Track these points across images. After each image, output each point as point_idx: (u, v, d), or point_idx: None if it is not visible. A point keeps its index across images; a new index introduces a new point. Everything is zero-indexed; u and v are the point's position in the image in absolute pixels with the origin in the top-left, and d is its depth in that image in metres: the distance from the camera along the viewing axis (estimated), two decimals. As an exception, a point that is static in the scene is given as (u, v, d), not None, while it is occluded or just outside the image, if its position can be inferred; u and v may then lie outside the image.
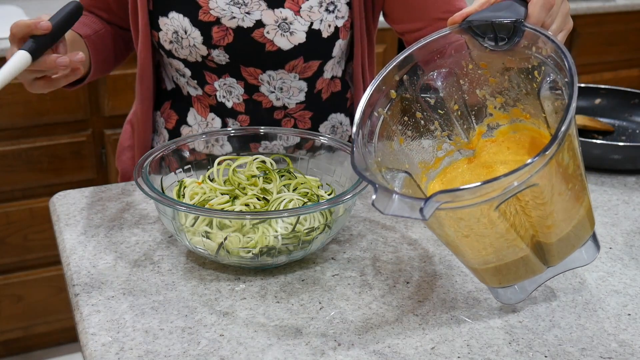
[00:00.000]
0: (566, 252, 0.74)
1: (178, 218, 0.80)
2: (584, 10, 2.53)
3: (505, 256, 0.71)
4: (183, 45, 1.03)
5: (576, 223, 0.71)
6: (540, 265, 0.73)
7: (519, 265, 0.72)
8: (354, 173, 0.86)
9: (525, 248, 0.70)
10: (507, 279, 0.73)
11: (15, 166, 1.90)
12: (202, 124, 1.11)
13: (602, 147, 1.08)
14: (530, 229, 0.69)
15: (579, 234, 0.73)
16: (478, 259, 0.72)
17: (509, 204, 0.65)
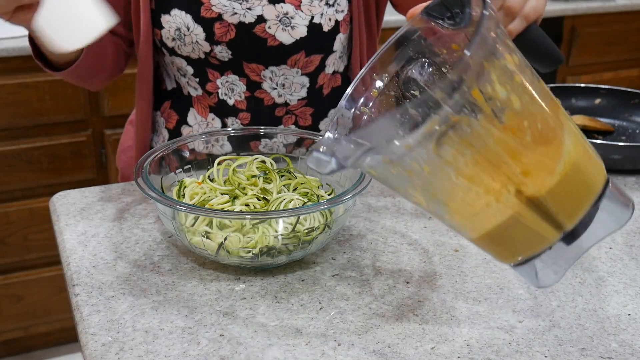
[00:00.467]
0: (574, 209, 0.67)
1: (178, 218, 0.80)
2: (584, 10, 2.54)
3: (490, 216, 0.65)
4: (186, 42, 1.03)
5: (564, 171, 0.65)
6: (550, 229, 0.67)
7: (518, 229, 0.66)
8: (354, 173, 0.86)
9: (509, 202, 0.65)
10: (517, 249, 0.68)
11: (15, 166, 1.90)
12: (202, 124, 1.11)
13: (602, 147, 1.09)
14: (505, 178, 0.64)
15: (579, 185, 0.67)
16: (463, 223, 0.67)
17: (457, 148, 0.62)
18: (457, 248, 0.88)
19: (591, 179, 0.68)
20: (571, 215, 0.67)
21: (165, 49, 1.07)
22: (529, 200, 0.65)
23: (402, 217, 0.95)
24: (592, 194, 0.67)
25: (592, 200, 0.67)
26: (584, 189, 0.67)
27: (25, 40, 1.81)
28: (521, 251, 0.68)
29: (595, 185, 0.68)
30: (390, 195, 1.02)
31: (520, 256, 0.69)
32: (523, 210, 0.66)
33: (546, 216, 0.67)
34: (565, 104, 1.31)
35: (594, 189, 0.67)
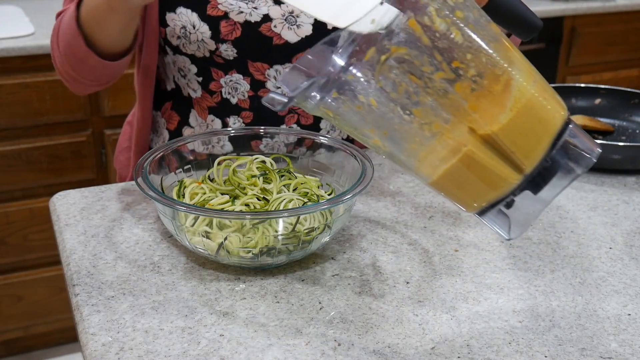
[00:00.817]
0: (531, 148, 0.65)
1: (178, 218, 0.80)
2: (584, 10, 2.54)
3: (443, 155, 0.65)
4: (191, 40, 1.03)
5: (515, 107, 0.64)
6: (508, 170, 0.66)
7: (474, 169, 0.65)
8: (354, 173, 0.86)
9: (461, 139, 0.64)
10: (477, 193, 0.67)
11: (15, 166, 1.90)
12: (203, 126, 1.11)
13: (602, 147, 1.08)
14: (453, 114, 0.64)
15: (533, 122, 0.65)
16: (419, 165, 0.67)
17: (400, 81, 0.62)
18: (457, 248, 0.88)
19: (547, 117, 0.66)
20: (528, 155, 0.65)
21: (169, 47, 1.07)
22: (481, 137, 0.64)
23: (402, 217, 0.95)
24: (548, 132, 0.66)
25: (549, 139, 0.66)
26: (539, 126, 0.66)
27: (25, 40, 1.82)
28: (481, 195, 0.67)
29: (551, 124, 0.66)
30: (390, 195, 1.02)
31: (481, 201, 0.67)
32: (476, 148, 0.64)
33: (501, 155, 0.65)
34: (565, 104, 1.30)
35: (550, 127, 0.66)
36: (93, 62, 0.97)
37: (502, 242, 0.89)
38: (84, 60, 0.98)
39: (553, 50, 2.57)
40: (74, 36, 0.96)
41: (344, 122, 0.68)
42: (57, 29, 1.01)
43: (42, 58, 1.84)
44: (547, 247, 0.89)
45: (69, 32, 0.97)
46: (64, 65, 1.01)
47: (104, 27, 0.94)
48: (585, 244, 0.90)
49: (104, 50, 0.98)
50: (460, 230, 0.92)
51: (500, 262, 0.85)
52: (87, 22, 0.94)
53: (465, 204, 0.69)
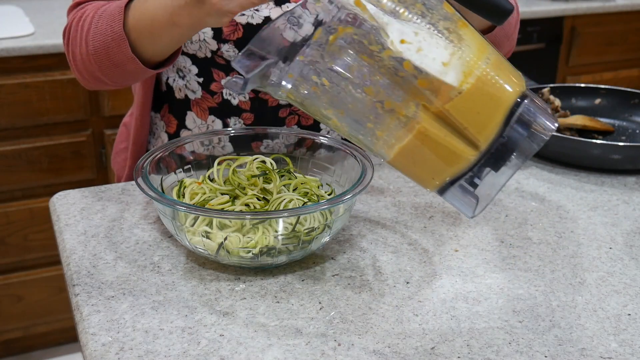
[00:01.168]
0: (483, 123, 0.66)
1: (178, 218, 0.80)
2: (584, 10, 2.54)
3: (398, 132, 0.66)
4: (193, 40, 1.02)
5: (465, 82, 0.65)
6: (462, 146, 0.66)
7: (429, 145, 0.66)
8: (354, 173, 0.86)
9: (413, 116, 0.65)
10: (434, 169, 0.68)
11: (15, 166, 1.90)
12: (202, 127, 1.10)
13: (602, 147, 1.09)
14: (403, 90, 0.65)
15: (484, 97, 0.65)
16: (377, 142, 0.68)
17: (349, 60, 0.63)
18: (457, 248, 0.88)
19: (498, 94, 0.66)
20: (481, 131, 0.66)
21: None
22: (433, 113, 0.65)
23: (402, 217, 0.95)
24: (501, 109, 0.66)
25: (501, 115, 0.66)
26: (491, 102, 0.66)
27: (25, 40, 1.82)
28: (438, 171, 0.68)
29: (504, 100, 0.66)
30: (390, 195, 1.02)
31: (440, 178, 0.68)
32: (429, 125, 0.65)
33: (454, 131, 0.66)
34: (565, 104, 1.31)
35: (502, 104, 0.66)
36: (133, 68, 0.92)
37: (502, 242, 0.90)
38: (122, 65, 0.92)
39: (553, 50, 2.57)
40: (116, 41, 0.90)
41: (306, 105, 0.70)
42: (85, 27, 0.94)
43: (42, 58, 1.84)
44: (547, 247, 0.89)
45: (111, 35, 0.90)
46: (90, 65, 0.94)
47: (157, 39, 0.89)
48: (585, 244, 0.90)
49: (147, 58, 0.92)
50: (460, 230, 0.92)
51: (500, 262, 0.85)
52: (137, 30, 0.89)
53: (425, 181, 0.69)
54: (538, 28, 2.49)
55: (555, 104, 1.28)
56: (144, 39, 0.89)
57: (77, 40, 0.95)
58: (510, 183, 1.06)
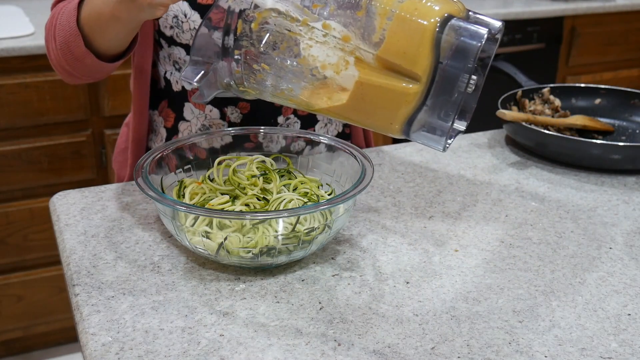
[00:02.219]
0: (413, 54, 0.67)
1: (178, 218, 0.80)
2: (584, 10, 2.54)
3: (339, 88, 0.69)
4: (184, 29, 1.03)
5: (384, 25, 0.68)
6: (406, 82, 0.68)
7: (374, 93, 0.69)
8: (354, 173, 0.86)
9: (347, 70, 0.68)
10: (388, 113, 0.70)
11: (15, 166, 1.90)
12: (200, 117, 1.11)
13: (602, 147, 1.09)
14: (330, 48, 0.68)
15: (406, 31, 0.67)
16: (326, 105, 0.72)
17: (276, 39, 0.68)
18: (457, 248, 0.88)
19: (419, 24, 0.67)
20: (414, 63, 0.67)
21: (163, 39, 1.07)
22: (364, 62, 0.68)
23: (402, 217, 0.95)
24: (425, 36, 0.67)
25: (428, 42, 0.67)
26: (415, 34, 0.67)
27: (25, 40, 1.82)
28: (392, 113, 0.70)
29: (426, 29, 0.67)
30: (390, 195, 1.02)
31: (397, 119, 0.70)
32: (365, 74, 0.68)
33: (391, 72, 0.68)
34: (565, 104, 1.31)
35: (425, 32, 0.67)
36: (90, 62, 0.98)
37: (502, 242, 0.90)
38: (81, 59, 0.98)
39: (553, 50, 2.57)
40: (72, 35, 0.96)
41: (262, 93, 0.74)
42: (54, 22, 1.02)
43: (42, 58, 1.84)
44: (547, 247, 0.89)
45: (68, 30, 0.97)
46: (59, 59, 1.01)
47: (105, 33, 0.94)
48: (585, 244, 0.90)
49: (102, 52, 0.98)
50: (460, 230, 0.92)
51: (500, 262, 0.85)
52: (88, 25, 0.95)
53: (386, 129, 0.72)
54: (538, 28, 2.49)
55: (555, 104, 1.28)
56: (95, 34, 0.95)
57: (49, 37, 1.02)
58: (510, 183, 1.07)
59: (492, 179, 1.08)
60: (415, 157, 1.15)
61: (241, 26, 0.71)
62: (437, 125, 0.70)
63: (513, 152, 1.19)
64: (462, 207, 0.99)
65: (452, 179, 1.08)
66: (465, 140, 1.23)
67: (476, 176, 1.09)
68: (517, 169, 1.12)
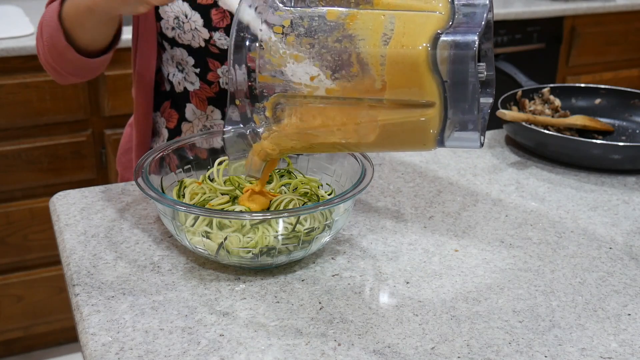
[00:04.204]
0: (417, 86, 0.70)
1: (178, 218, 0.80)
2: (584, 10, 2.54)
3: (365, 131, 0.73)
4: (185, 29, 1.04)
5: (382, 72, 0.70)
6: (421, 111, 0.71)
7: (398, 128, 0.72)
8: (354, 173, 0.86)
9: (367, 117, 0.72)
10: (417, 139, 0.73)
11: (15, 166, 1.90)
12: (202, 118, 1.11)
13: (602, 147, 1.09)
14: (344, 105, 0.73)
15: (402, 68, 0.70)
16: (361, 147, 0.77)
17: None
18: (457, 248, 0.88)
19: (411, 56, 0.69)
20: (422, 93, 0.70)
21: (166, 41, 1.07)
22: (379, 106, 0.71)
23: (402, 217, 0.95)
24: (420, 66, 0.69)
25: (425, 69, 0.69)
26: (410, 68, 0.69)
27: (25, 40, 1.82)
28: (421, 138, 0.73)
29: (418, 57, 0.69)
30: (390, 195, 1.02)
31: (428, 141, 0.73)
32: (383, 116, 0.72)
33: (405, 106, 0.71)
34: (565, 104, 1.31)
35: (418, 61, 0.69)
36: (72, 56, 0.99)
37: (502, 242, 0.90)
38: (64, 54, 1.00)
39: (553, 50, 2.57)
40: (55, 30, 0.98)
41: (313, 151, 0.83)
42: (42, 19, 1.03)
43: (42, 58, 1.84)
44: (547, 247, 0.89)
45: (52, 25, 0.99)
46: (46, 56, 1.03)
47: (83, 25, 0.96)
48: (585, 244, 0.90)
49: (83, 47, 1.00)
50: (460, 230, 0.92)
51: (500, 262, 0.85)
52: (68, 18, 0.97)
53: (421, 149, 0.75)
54: (538, 28, 2.49)
55: (555, 104, 1.28)
56: (74, 27, 0.97)
57: (38, 34, 1.03)
58: (510, 183, 1.07)
59: (492, 179, 1.08)
60: (415, 157, 1.15)
61: (257, 119, 0.76)
62: (465, 123, 0.72)
63: (513, 152, 1.19)
64: (462, 207, 0.99)
65: (452, 179, 1.08)
66: (465, 140, 1.23)
67: (476, 176, 1.09)
68: (517, 169, 1.12)
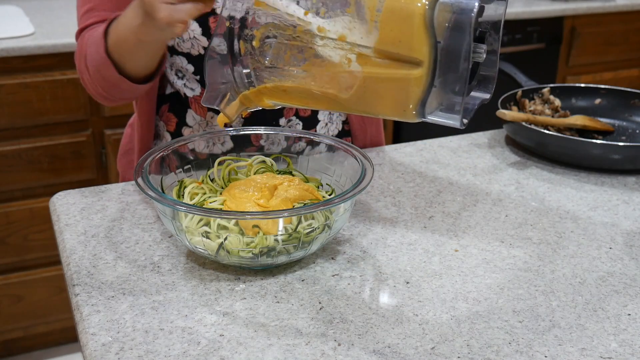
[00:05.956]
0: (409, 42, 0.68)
1: (178, 218, 0.80)
2: (584, 10, 2.54)
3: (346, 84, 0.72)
4: (184, 38, 1.03)
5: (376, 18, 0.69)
6: (408, 68, 0.69)
7: (381, 83, 0.70)
8: (354, 173, 0.86)
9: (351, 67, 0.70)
10: (400, 100, 0.71)
11: (15, 166, 1.90)
12: (202, 124, 1.11)
13: (602, 147, 1.09)
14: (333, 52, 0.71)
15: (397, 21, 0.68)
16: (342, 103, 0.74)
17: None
18: (457, 248, 0.88)
19: (408, 10, 0.68)
20: (412, 49, 0.68)
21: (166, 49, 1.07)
22: (365, 57, 0.70)
23: (402, 217, 0.95)
24: (416, 20, 0.68)
25: (420, 25, 0.68)
26: (405, 21, 0.68)
27: (25, 40, 1.82)
28: (404, 101, 0.71)
29: (415, 11, 0.68)
30: (390, 195, 1.02)
31: (410, 105, 0.71)
32: (368, 68, 0.70)
33: (392, 61, 0.69)
34: (565, 104, 1.31)
35: (415, 15, 0.68)
36: (125, 86, 0.99)
37: (502, 242, 0.90)
38: (116, 85, 1.00)
39: (553, 50, 2.57)
40: (104, 65, 0.98)
41: (288, 101, 0.78)
42: (82, 52, 1.02)
43: (42, 58, 1.84)
44: (547, 247, 0.89)
45: (99, 60, 0.98)
46: (96, 87, 1.03)
47: (134, 57, 0.96)
48: (585, 244, 0.90)
49: (134, 75, 1.00)
50: (460, 230, 0.92)
51: (500, 262, 0.85)
52: (116, 52, 0.96)
53: (400, 115, 0.73)
54: (538, 28, 2.49)
55: (555, 104, 1.28)
56: (124, 59, 0.96)
57: (82, 68, 1.03)
58: (510, 183, 1.07)
59: (492, 179, 1.08)
60: (415, 157, 1.15)
61: (243, 46, 0.74)
62: (450, 102, 0.71)
63: (513, 152, 1.19)
64: (462, 207, 0.99)
65: (452, 179, 1.08)
66: (465, 140, 1.24)
67: (476, 176, 1.09)
68: (517, 169, 1.12)
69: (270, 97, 0.77)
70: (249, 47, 0.74)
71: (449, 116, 0.72)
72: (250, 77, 0.75)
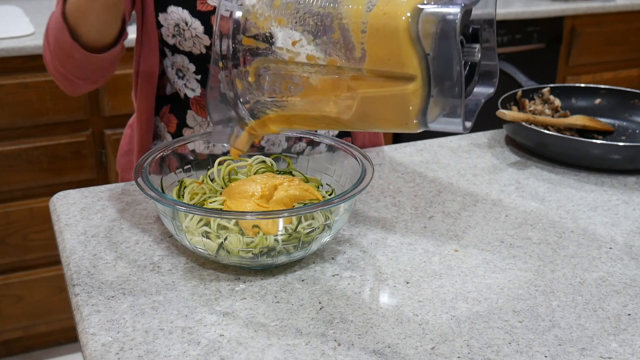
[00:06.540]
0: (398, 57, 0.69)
1: (178, 218, 0.80)
2: (584, 10, 2.54)
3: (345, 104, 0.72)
4: (186, 36, 1.03)
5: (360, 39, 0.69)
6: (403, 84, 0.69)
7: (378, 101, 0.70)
8: (354, 173, 0.86)
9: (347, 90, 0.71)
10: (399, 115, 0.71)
11: (15, 166, 1.90)
12: (203, 124, 1.11)
13: (602, 147, 1.09)
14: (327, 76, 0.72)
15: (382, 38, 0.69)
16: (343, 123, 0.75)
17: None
18: (457, 248, 0.88)
19: (391, 26, 0.68)
20: (402, 64, 0.68)
21: (167, 48, 1.07)
22: (359, 77, 0.70)
23: (402, 217, 0.95)
24: (400, 36, 0.68)
25: (406, 40, 0.68)
26: (390, 38, 0.68)
27: (25, 40, 1.82)
28: (403, 115, 0.71)
29: (399, 29, 0.68)
30: (390, 195, 1.02)
31: (409, 119, 0.71)
32: (365, 88, 0.70)
33: (386, 79, 0.70)
34: (565, 104, 1.31)
35: (400, 33, 0.68)
36: (79, 55, 0.99)
37: (502, 242, 0.90)
38: (71, 55, 0.99)
39: (553, 50, 2.57)
40: (60, 30, 0.98)
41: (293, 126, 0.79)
42: (47, 26, 1.03)
43: (42, 58, 1.83)
44: (547, 247, 0.89)
45: (56, 26, 0.99)
46: (54, 63, 1.02)
47: (86, 17, 0.96)
48: (585, 244, 0.90)
49: (89, 43, 0.99)
50: (460, 230, 0.92)
51: (500, 262, 0.85)
52: (71, 14, 0.97)
53: (403, 128, 0.73)
54: (538, 28, 2.49)
55: (555, 104, 1.28)
56: (78, 22, 0.96)
57: (45, 43, 1.04)
58: (510, 183, 1.07)
59: (492, 179, 1.08)
60: (415, 157, 1.15)
61: (240, 83, 0.75)
62: (451, 106, 0.71)
63: (513, 152, 1.19)
64: (462, 207, 0.99)
65: (452, 179, 1.08)
66: (465, 140, 1.24)
67: (476, 176, 1.09)
68: (517, 169, 1.12)
69: (275, 124, 0.78)
70: (245, 83, 0.75)
71: (451, 121, 0.72)
72: (252, 110, 0.77)
